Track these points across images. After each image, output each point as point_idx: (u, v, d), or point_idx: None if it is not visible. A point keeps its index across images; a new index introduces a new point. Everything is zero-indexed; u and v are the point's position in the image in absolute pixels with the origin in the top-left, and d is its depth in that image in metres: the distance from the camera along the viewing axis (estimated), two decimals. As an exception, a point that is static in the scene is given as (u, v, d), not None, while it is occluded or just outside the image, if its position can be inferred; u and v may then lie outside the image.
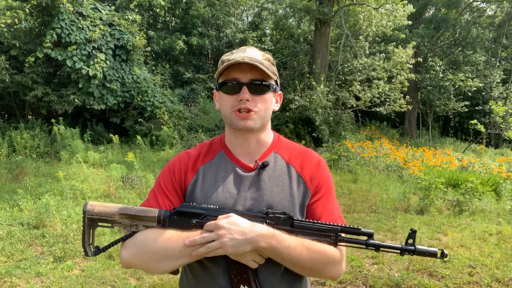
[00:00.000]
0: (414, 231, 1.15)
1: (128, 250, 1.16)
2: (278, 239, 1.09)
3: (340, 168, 9.13)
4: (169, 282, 3.64)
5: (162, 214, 1.16)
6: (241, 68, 1.17)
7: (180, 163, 1.28)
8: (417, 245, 1.15)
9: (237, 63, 1.16)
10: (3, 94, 10.83)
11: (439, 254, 1.14)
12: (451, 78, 17.44)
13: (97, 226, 1.19)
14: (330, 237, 1.14)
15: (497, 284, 3.79)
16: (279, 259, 1.12)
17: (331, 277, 1.23)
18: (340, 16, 12.72)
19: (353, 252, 4.44)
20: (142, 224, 1.16)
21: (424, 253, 1.15)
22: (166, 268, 1.15)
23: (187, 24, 18.22)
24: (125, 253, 1.16)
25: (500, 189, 7.27)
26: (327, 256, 1.14)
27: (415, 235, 1.15)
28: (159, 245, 1.12)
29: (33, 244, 4.42)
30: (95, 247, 1.19)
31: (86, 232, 1.18)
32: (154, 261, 1.13)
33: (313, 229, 1.14)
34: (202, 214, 1.14)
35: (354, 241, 1.16)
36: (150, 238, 1.14)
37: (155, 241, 1.13)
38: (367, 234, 1.16)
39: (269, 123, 1.29)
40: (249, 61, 1.15)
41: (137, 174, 6.77)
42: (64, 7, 9.68)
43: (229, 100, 1.20)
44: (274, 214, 1.13)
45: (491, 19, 19.96)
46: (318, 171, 1.27)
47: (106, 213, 1.17)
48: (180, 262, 1.13)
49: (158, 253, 1.12)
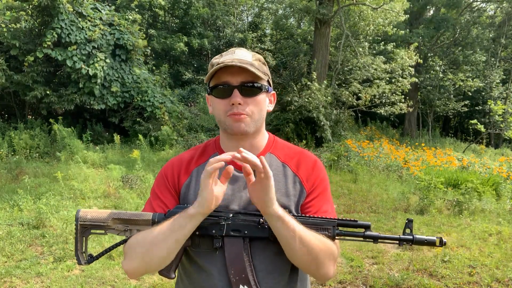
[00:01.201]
0: (411, 221, 1.14)
1: (125, 257, 1.15)
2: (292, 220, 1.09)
3: (340, 168, 9.12)
4: (169, 282, 3.64)
5: (156, 217, 1.16)
6: (231, 71, 1.15)
7: (172, 167, 1.28)
8: (415, 234, 1.14)
9: (226, 66, 1.14)
10: (3, 94, 10.83)
11: (438, 242, 1.12)
12: (451, 78, 17.44)
13: (90, 233, 1.18)
14: (328, 230, 1.13)
15: (497, 284, 3.79)
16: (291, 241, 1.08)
17: (326, 275, 1.16)
18: (340, 16, 12.73)
19: (353, 252, 4.44)
20: (136, 228, 1.16)
21: (423, 242, 1.13)
22: (158, 254, 1.11)
23: (186, 24, 18.22)
24: (124, 262, 1.16)
25: (500, 189, 7.27)
26: (330, 248, 1.13)
27: (412, 224, 1.14)
28: (145, 234, 1.13)
29: (33, 244, 4.42)
30: (88, 255, 1.19)
31: (79, 240, 1.17)
32: (145, 252, 1.11)
33: (309, 223, 1.13)
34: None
35: (352, 234, 1.15)
36: (137, 234, 1.15)
37: (142, 233, 1.14)
38: (364, 226, 1.15)
39: (263, 125, 1.27)
40: (238, 64, 1.13)
41: (137, 174, 6.77)
42: (64, 7, 9.68)
43: (221, 104, 1.18)
44: None
45: (491, 19, 19.96)
46: (314, 171, 1.27)
47: (99, 219, 1.16)
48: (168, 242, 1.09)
49: (146, 241, 1.11)
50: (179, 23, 18.88)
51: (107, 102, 10.68)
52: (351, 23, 14.28)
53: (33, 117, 11.13)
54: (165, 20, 19.43)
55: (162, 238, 1.09)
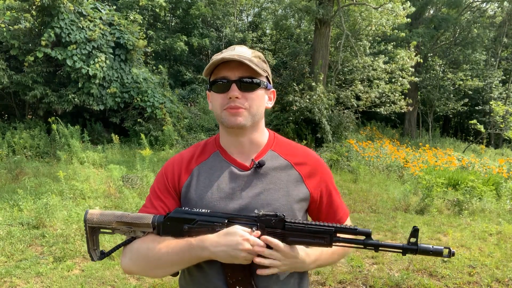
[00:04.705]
0: (417, 229, 1.07)
1: (126, 258, 1.20)
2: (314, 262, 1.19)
3: (340, 168, 9.12)
4: (169, 282, 3.64)
5: (156, 220, 1.17)
6: (230, 66, 1.16)
7: (173, 166, 1.28)
8: (420, 244, 1.08)
9: (225, 61, 1.15)
10: (3, 94, 10.83)
11: (446, 252, 1.05)
12: (450, 77, 17.44)
13: (100, 232, 1.23)
14: (324, 238, 1.10)
15: (497, 284, 3.79)
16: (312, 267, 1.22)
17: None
18: (340, 16, 12.72)
19: (353, 252, 4.44)
20: (139, 230, 1.19)
21: (428, 252, 1.07)
22: (162, 275, 1.19)
23: (187, 24, 18.23)
24: (124, 261, 1.20)
25: (500, 189, 7.27)
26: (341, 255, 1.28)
27: (417, 233, 1.07)
28: (152, 254, 1.15)
29: (33, 244, 4.42)
30: (100, 251, 1.25)
31: (89, 239, 1.22)
32: (149, 269, 1.17)
33: (306, 231, 1.11)
34: (193, 219, 1.14)
35: (351, 240, 1.12)
36: (144, 247, 1.17)
37: (148, 250, 1.16)
38: (364, 233, 1.10)
39: (262, 121, 1.27)
40: (237, 58, 1.14)
41: (137, 174, 6.77)
42: (65, 6, 9.68)
43: (219, 98, 1.19)
44: (265, 217, 1.11)
45: (491, 19, 19.96)
46: (318, 170, 1.28)
47: (104, 222, 1.21)
48: (173, 269, 1.17)
49: (152, 262, 1.15)
50: (180, 23, 18.89)
51: (106, 103, 10.68)
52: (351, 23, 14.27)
53: (33, 117, 11.13)
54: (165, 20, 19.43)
55: (169, 265, 1.14)
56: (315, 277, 3.78)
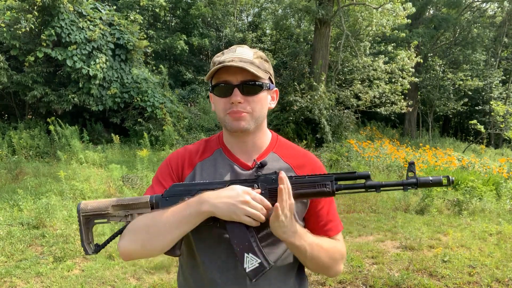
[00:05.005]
0: (412, 163, 1.08)
1: (125, 238, 1.16)
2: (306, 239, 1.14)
3: (340, 168, 9.12)
4: (169, 282, 3.64)
5: (154, 198, 1.16)
6: (231, 70, 1.16)
7: (177, 157, 1.29)
8: (419, 177, 1.07)
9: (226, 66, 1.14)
10: (3, 94, 10.83)
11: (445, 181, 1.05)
12: (450, 77, 17.45)
13: (94, 223, 1.20)
14: (326, 186, 1.10)
15: (497, 284, 3.79)
16: (302, 256, 1.16)
17: (335, 274, 1.27)
18: (340, 16, 12.72)
19: (353, 252, 4.44)
20: (136, 212, 1.17)
21: (428, 183, 1.06)
22: (162, 245, 1.12)
23: (187, 24, 18.23)
24: (122, 243, 1.16)
25: (500, 189, 7.27)
26: (338, 252, 1.23)
27: (414, 166, 1.07)
28: (152, 223, 1.12)
29: (33, 244, 4.42)
30: (94, 244, 1.20)
31: (83, 231, 1.19)
32: (147, 240, 1.12)
33: (307, 182, 1.11)
34: (192, 190, 1.14)
35: (352, 186, 1.12)
36: (140, 219, 1.15)
37: (147, 220, 1.13)
38: (363, 176, 1.10)
39: (265, 123, 1.28)
40: (238, 64, 1.13)
41: (137, 174, 6.77)
42: (65, 7, 9.68)
43: (221, 103, 1.19)
44: (265, 176, 1.13)
45: (491, 19, 19.96)
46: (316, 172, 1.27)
47: (100, 208, 1.17)
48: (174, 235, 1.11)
49: (152, 230, 1.11)
50: (180, 23, 18.89)
51: (105, 104, 10.68)
52: (351, 23, 14.27)
53: (33, 117, 11.13)
54: (165, 20, 19.43)
55: (169, 229, 1.10)
56: (315, 277, 3.78)
